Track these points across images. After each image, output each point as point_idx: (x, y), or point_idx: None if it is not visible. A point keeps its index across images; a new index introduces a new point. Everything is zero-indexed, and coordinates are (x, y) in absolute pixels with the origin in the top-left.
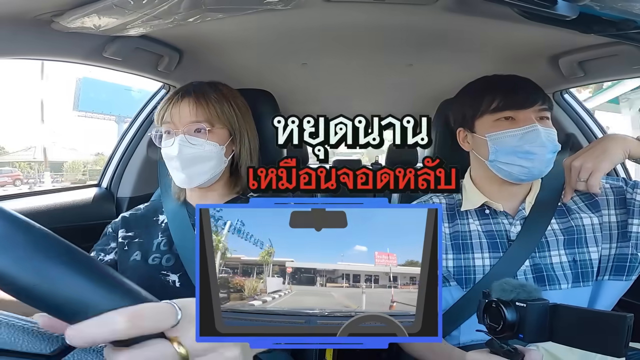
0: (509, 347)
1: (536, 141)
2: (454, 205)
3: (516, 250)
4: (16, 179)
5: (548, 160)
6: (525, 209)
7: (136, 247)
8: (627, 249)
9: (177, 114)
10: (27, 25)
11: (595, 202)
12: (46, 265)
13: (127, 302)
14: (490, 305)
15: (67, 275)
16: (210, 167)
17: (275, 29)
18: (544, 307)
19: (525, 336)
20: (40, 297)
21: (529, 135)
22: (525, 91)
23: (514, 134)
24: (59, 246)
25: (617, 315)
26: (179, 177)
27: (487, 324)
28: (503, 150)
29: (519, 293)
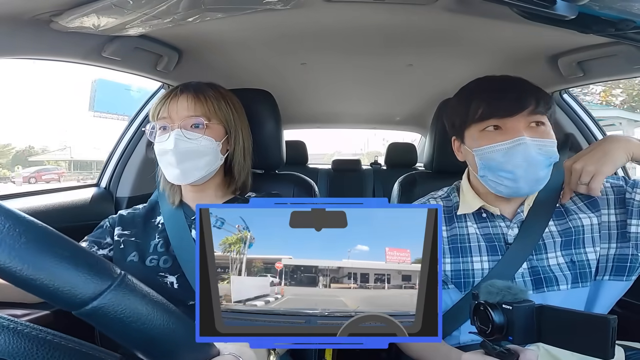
0: (502, 349)
1: (523, 157)
2: (452, 207)
3: (514, 253)
4: (61, 175)
5: (541, 177)
6: (523, 212)
7: (132, 247)
8: (628, 249)
9: (175, 108)
10: (26, 25)
11: (595, 201)
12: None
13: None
14: (478, 308)
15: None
16: (206, 162)
17: (275, 29)
18: (529, 309)
19: (515, 339)
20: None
21: (514, 151)
22: (513, 95)
23: (498, 149)
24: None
25: (601, 317)
26: (172, 173)
27: (478, 326)
28: (489, 166)
29: (505, 295)
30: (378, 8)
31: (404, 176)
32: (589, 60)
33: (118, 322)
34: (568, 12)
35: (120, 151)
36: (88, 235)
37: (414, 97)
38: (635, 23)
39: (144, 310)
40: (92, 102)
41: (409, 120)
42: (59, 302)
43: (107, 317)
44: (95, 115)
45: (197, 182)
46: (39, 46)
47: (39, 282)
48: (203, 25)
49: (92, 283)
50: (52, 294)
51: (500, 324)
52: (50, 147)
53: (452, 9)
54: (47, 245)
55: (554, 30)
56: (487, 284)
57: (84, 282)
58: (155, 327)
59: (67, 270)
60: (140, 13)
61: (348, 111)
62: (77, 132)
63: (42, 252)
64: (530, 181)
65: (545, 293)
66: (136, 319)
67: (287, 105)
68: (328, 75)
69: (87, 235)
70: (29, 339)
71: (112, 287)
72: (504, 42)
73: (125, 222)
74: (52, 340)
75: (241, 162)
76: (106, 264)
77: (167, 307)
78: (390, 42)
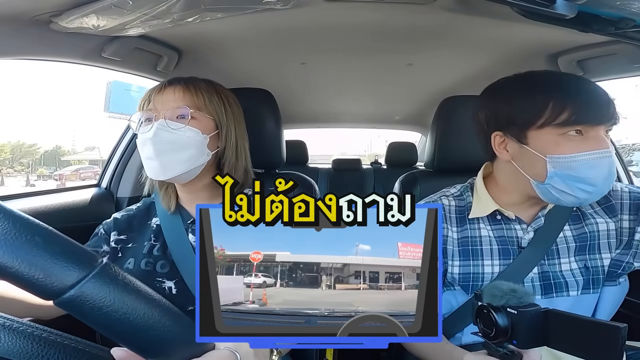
0: (505, 351)
1: (609, 170)
2: (464, 208)
3: (526, 258)
4: (96, 173)
5: (609, 189)
6: (543, 216)
7: (129, 253)
8: (626, 256)
9: (161, 99)
10: (25, 26)
11: (612, 206)
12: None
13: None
14: (482, 311)
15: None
16: (189, 156)
17: (275, 29)
18: (535, 314)
19: (519, 343)
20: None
21: (600, 162)
22: (603, 101)
23: (583, 159)
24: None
25: (612, 325)
26: (151, 166)
27: (481, 328)
28: (566, 175)
29: (510, 299)
30: (378, 7)
31: (405, 175)
32: (589, 59)
33: (98, 312)
34: (568, 11)
35: (121, 151)
36: (85, 245)
37: (414, 96)
38: (635, 22)
39: (127, 300)
40: (107, 104)
41: (409, 120)
42: (36, 291)
43: (86, 306)
44: (109, 116)
45: (181, 180)
46: (38, 47)
47: (13, 270)
48: (203, 25)
49: (69, 271)
50: (28, 282)
51: (504, 327)
52: (77, 148)
53: (451, 8)
54: (20, 232)
55: (553, 29)
56: (491, 286)
57: (61, 269)
58: (141, 318)
59: (41, 258)
60: (140, 13)
61: (348, 110)
62: (101, 133)
63: (15, 239)
64: (603, 193)
65: (554, 299)
66: (117, 309)
67: (287, 104)
68: (328, 75)
69: (84, 245)
70: (24, 337)
71: (90, 276)
72: (503, 41)
73: (121, 226)
74: (47, 338)
75: (232, 160)
76: (86, 251)
77: (155, 299)
78: (390, 42)
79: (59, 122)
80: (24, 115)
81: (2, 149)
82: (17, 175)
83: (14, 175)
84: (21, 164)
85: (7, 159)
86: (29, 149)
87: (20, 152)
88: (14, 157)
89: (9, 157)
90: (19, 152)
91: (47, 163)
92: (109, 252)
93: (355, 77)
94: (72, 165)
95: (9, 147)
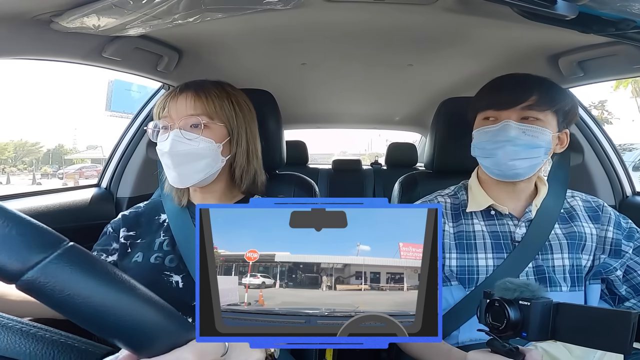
0: (511, 347)
1: (504, 136)
2: (459, 205)
3: (521, 252)
4: (99, 172)
5: (522, 157)
6: (531, 211)
7: (138, 248)
8: (615, 262)
9: (175, 107)
10: (26, 26)
11: (597, 215)
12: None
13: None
14: (493, 304)
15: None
16: (205, 165)
17: (275, 29)
18: (547, 306)
19: (529, 335)
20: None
21: (498, 131)
22: (509, 90)
23: (487, 130)
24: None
25: (622, 312)
26: (170, 175)
27: (490, 323)
28: (478, 145)
29: (523, 292)
30: (379, 8)
31: (405, 176)
32: (589, 60)
33: (59, 295)
34: (568, 12)
35: (121, 151)
36: (95, 245)
37: (414, 97)
38: (636, 23)
39: (93, 284)
40: (108, 102)
41: (409, 120)
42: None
43: (47, 289)
44: (111, 115)
45: (198, 185)
46: (39, 47)
47: None
48: (203, 25)
49: (26, 252)
50: None
51: (515, 320)
52: (78, 147)
53: (452, 9)
54: None
55: (554, 30)
56: (503, 281)
57: (22, 250)
58: (110, 304)
59: (2, 239)
60: (140, 13)
61: (348, 111)
62: (102, 132)
63: None
64: (512, 158)
65: (548, 293)
66: (80, 292)
67: (288, 105)
68: (328, 75)
69: (95, 245)
70: (20, 335)
71: (53, 257)
72: (504, 42)
73: (130, 223)
74: (43, 336)
75: (243, 165)
76: (51, 233)
77: (130, 285)
78: (391, 42)
79: (60, 121)
80: (26, 114)
81: (6, 147)
82: (20, 174)
83: (17, 173)
84: (24, 163)
85: (10, 157)
86: (32, 148)
87: (23, 150)
88: (17, 155)
89: (12, 155)
90: (22, 150)
91: (50, 161)
92: (118, 249)
93: (356, 77)
94: (75, 164)
95: (12, 145)
